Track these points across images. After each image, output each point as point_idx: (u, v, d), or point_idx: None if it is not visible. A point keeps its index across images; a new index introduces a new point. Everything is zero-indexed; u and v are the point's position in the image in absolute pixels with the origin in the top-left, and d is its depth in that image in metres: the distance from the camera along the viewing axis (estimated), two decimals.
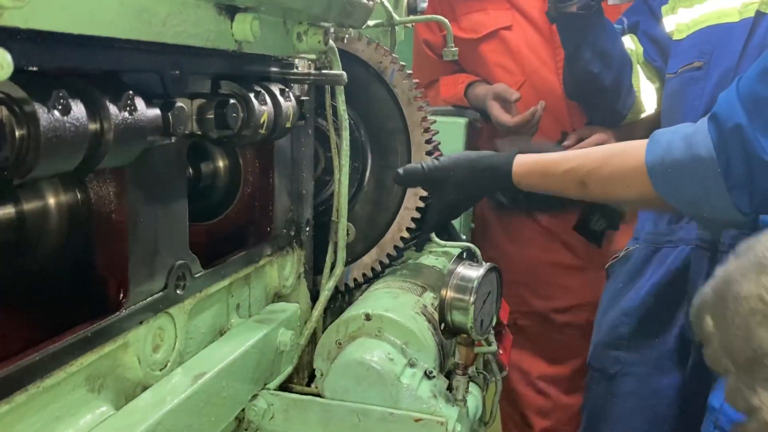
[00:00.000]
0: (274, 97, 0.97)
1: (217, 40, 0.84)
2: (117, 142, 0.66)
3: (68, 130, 0.59)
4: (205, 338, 0.97)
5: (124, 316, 0.77)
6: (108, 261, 0.78)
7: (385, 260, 1.33)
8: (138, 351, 0.80)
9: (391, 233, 1.32)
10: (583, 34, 1.91)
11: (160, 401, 0.79)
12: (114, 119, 0.65)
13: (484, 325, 1.09)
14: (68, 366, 0.69)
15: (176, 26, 0.75)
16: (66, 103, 0.59)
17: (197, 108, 0.85)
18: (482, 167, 1.31)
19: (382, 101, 1.30)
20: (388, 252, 1.33)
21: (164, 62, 0.79)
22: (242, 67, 0.96)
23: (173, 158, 0.84)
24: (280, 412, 1.00)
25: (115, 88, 0.68)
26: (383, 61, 1.29)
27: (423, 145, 1.30)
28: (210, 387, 0.87)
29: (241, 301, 1.07)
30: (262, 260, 1.09)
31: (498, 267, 1.11)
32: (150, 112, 0.72)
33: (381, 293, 1.20)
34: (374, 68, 1.29)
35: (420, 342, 1.08)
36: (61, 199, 0.78)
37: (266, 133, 0.95)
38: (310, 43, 1.05)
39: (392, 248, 1.32)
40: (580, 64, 1.95)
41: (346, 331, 1.09)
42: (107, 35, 0.65)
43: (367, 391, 1.01)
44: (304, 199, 1.23)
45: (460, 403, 1.06)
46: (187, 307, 0.89)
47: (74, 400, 0.72)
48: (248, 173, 1.14)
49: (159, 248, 0.83)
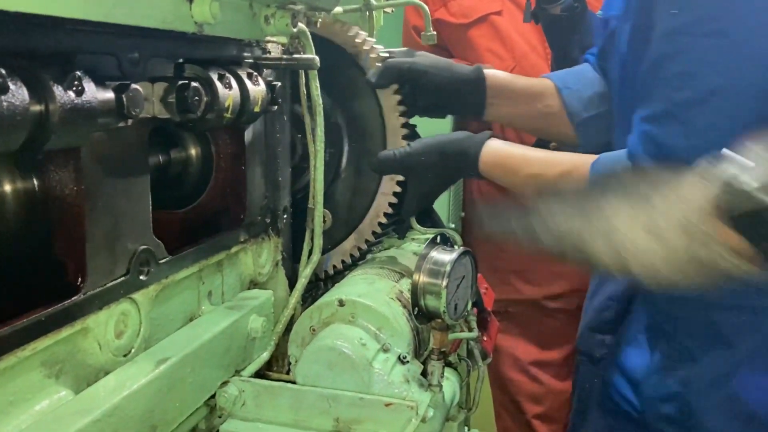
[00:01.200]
0: (241, 81, 0.96)
1: (174, 21, 0.83)
2: (63, 123, 0.65)
3: (6, 108, 0.58)
4: (174, 325, 0.96)
5: (82, 300, 0.76)
6: (66, 245, 0.78)
7: (363, 246, 1.32)
8: (99, 336, 0.80)
9: (369, 219, 1.31)
10: (569, 35, 1.90)
11: (120, 386, 0.78)
12: (59, 100, 0.64)
13: (459, 310, 1.08)
14: (20, 350, 0.68)
15: (129, 6, 0.74)
16: (3, 81, 0.58)
17: (160, 91, 0.84)
18: (451, 152, 1.30)
19: (357, 86, 1.29)
20: (367, 238, 1.32)
21: (120, 45, 0.79)
22: (207, 50, 0.95)
23: (132, 142, 0.84)
24: (251, 398, 1.00)
25: (62, 70, 0.67)
26: (357, 45, 1.28)
27: (399, 129, 1.29)
28: (174, 372, 0.86)
29: (213, 289, 1.06)
30: (235, 247, 1.08)
31: (472, 251, 1.10)
32: (101, 94, 0.71)
33: (357, 279, 1.19)
34: (349, 52, 1.28)
35: (393, 327, 1.07)
36: (18, 184, 0.78)
37: (232, 117, 0.94)
38: (278, 26, 1.04)
39: (371, 234, 1.31)
40: (568, 62, 1.94)
41: (320, 317, 1.08)
42: (53, 14, 0.64)
43: (340, 376, 1.01)
44: (281, 186, 1.22)
45: (435, 388, 1.05)
46: (152, 293, 0.89)
47: (30, 385, 0.72)
48: (221, 160, 1.13)
49: (119, 233, 0.82)
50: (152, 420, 0.82)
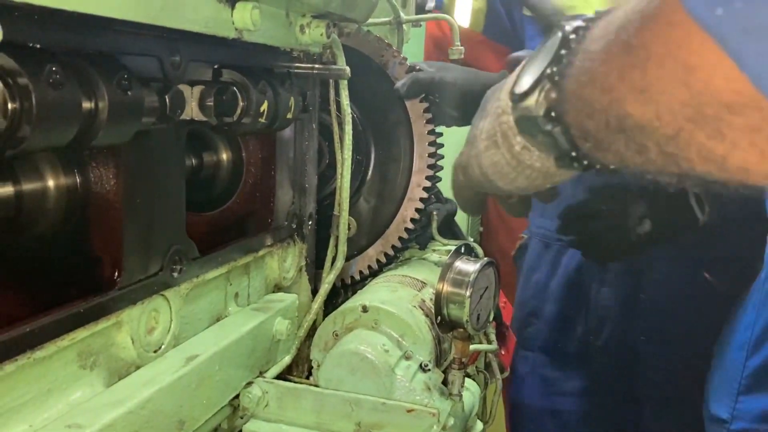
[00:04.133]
0: (275, 88, 0.98)
1: (216, 27, 0.85)
2: (111, 120, 0.67)
3: (60, 104, 0.60)
4: (202, 324, 0.98)
5: (118, 294, 0.78)
6: (103, 240, 0.80)
7: (390, 252, 1.34)
8: (132, 331, 0.82)
9: (395, 225, 1.33)
10: None
11: (151, 380, 0.80)
12: (108, 97, 0.67)
13: (481, 320, 1.09)
14: (59, 340, 0.70)
15: (175, 10, 0.77)
16: (59, 78, 0.60)
17: (198, 94, 0.86)
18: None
19: (385, 95, 1.31)
20: (393, 244, 1.33)
21: (164, 47, 0.81)
22: (244, 56, 0.97)
23: (171, 143, 0.86)
24: (275, 399, 1.01)
25: (111, 69, 0.69)
26: (385, 55, 1.30)
27: (425, 137, 1.30)
28: (203, 369, 0.87)
29: (240, 290, 1.08)
30: (262, 250, 1.10)
31: (496, 262, 1.11)
32: (146, 94, 0.74)
33: (380, 286, 1.20)
34: (376, 62, 1.30)
35: (416, 335, 1.08)
36: (60, 180, 0.80)
37: (266, 122, 0.96)
38: (312, 35, 1.06)
39: (397, 240, 1.33)
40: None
41: (343, 322, 1.10)
42: (104, 14, 0.66)
43: (362, 381, 1.02)
44: (308, 192, 1.24)
45: (454, 397, 1.06)
46: (183, 291, 0.90)
47: (66, 375, 0.73)
48: (251, 165, 1.15)
49: (155, 231, 0.84)
50: (180, 415, 0.83)
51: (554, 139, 0.69)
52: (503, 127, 0.78)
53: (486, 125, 0.82)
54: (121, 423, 0.73)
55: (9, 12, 0.57)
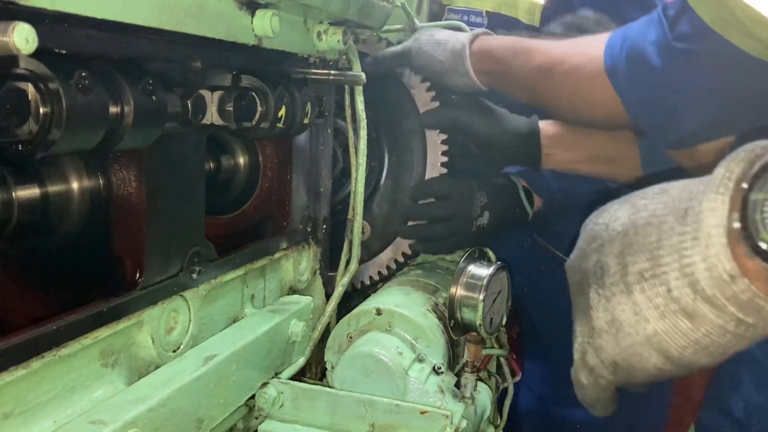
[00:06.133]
0: (293, 93, 1.00)
1: (236, 33, 0.87)
2: (136, 124, 0.69)
3: (89, 108, 0.62)
4: (219, 325, 1.00)
5: (139, 295, 0.80)
6: (125, 242, 0.81)
7: (400, 259, 1.35)
8: (152, 330, 0.83)
9: None
10: None
11: (170, 379, 0.81)
12: (134, 102, 0.68)
13: (494, 324, 1.10)
14: (83, 338, 0.72)
15: (197, 18, 0.78)
16: (88, 83, 0.62)
17: (218, 99, 0.88)
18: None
19: (400, 103, 1.32)
20: (404, 251, 1.34)
21: (186, 53, 0.83)
22: (263, 62, 0.99)
23: (192, 147, 0.87)
24: (290, 400, 1.02)
25: (136, 74, 0.71)
26: None
27: (439, 146, 1.32)
28: (220, 369, 0.89)
29: (255, 292, 1.09)
30: (277, 253, 1.12)
31: (508, 266, 1.12)
32: (169, 99, 0.76)
33: (393, 290, 1.22)
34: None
35: (429, 338, 1.09)
36: (84, 182, 0.82)
37: (284, 127, 0.98)
38: (329, 42, 1.08)
39: (407, 247, 1.34)
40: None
41: (357, 324, 1.11)
42: (130, 22, 0.68)
43: (376, 383, 1.03)
44: (322, 196, 1.25)
45: (467, 400, 1.07)
46: (201, 292, 0.92)
47: (89, 373, 0.75)
48: (267, 169, 1.17)
49: (175, 233, 0.86)
50: (199, 414, 0.85)
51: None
52: (740, 296, 0.58)
53: (654, 300, 0.63)
54: (143, 420, 0.74)
55: (41, 20, 0.59)
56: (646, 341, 0.64)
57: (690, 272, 0.59)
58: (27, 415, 0.67)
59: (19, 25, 0.53)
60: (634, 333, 0.65)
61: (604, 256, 0.67)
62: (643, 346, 0.65)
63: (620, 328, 0.66)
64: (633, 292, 0.64)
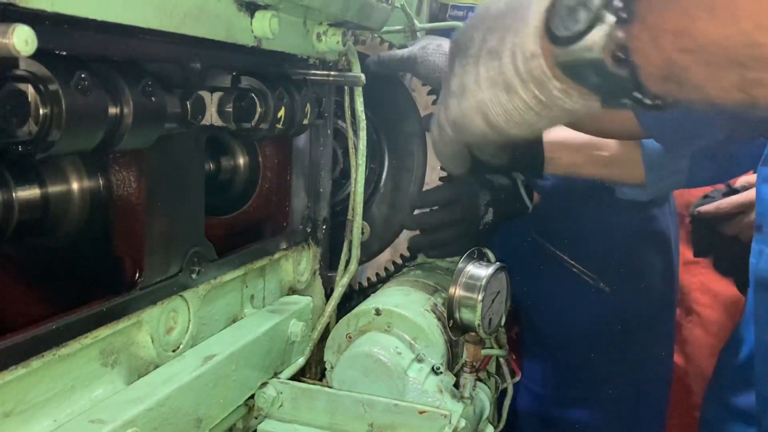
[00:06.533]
0: (292, 94, 1.00)
1: (236, 34, 0.87)
2: (135, 125, 0.70)
3: (88, 109, 0.63)
4: (218, 325, 1.00)
5: (139, 295, 0.81)
6: (125, 242, 0.82)
7: (398, 260, 1.35)
8: (151, 330, 0.84)
9: (406, 233, 1.34)
10: None
11: (170, 379, 0.82)
12: (133, 103, 0.69)
13: (493, 324, 1.11)
14: (83, 338, 0.72)
15: (196, 19, 0.79)
16: (87, 84, 0.63)
17: (217, 100, 0.88)
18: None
19: (401, 105, 1.33)
20: (402, 253, 1.35)
21: (185, 54, 0.83)
22: (262, 64, 0.99)
23: (191, 148, 0.88)
24: (289, 400, 1.03)
25: (136, 75, 0.72)
26: None
27: None
28: (220, 369, 0.89)
29: (255, 293, 1.10)
30: (277, 253, 1.12)
31: (508, 266, 1.13)
32: (169, 100, 0.76)
33: (393, 290, 1.22)
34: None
35: (428, 338, 1.09)
36: (84, 183, 0.83)
37: (283, 128, 0.98)
38: (329, 43, 1.08)
39: (406, 249, 1.34)
40: None
41: (357, 325, 1.12)
42: (129, 23, 0.69)
43: (375, 383, 1.03)
44: (322, 197, 1.26)
45: (466, 400, 1.07)
46: (201, 292, 0.93)
47: (88, 372, 0.75)
48: (267, 169, 1.17)
49: (175, 233, 0.86)
50: (198, 413, 0.85)
51: (616, 80, 0.62)
52: (534, 73, 0.68)
53: (489, 72, 0.73)
54: (142, 420, 0.75)
55: (41, 22, 0.59)
56: (476, 106, 0.75)
57: (514, 51, 0.69)
58: (27, 413, 0.68)
59: (19, 27, 0.53)
60: (470, 98, 0.75)
61: (474, 31, 0.76)
62: (473, 111, 0.76)
63: (463, 92, 0.77)
64: (479, 64, 0.74)
